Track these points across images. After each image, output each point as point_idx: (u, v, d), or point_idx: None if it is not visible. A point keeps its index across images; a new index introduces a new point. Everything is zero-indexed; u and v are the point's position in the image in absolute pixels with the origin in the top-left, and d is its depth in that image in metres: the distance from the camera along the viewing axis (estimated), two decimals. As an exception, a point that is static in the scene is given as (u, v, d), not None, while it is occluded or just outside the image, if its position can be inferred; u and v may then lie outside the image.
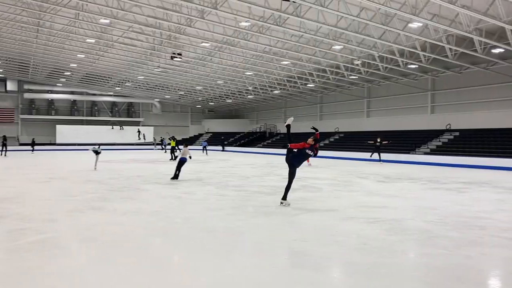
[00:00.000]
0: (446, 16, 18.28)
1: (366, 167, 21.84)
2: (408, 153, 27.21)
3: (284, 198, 8.92)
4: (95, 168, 18.14)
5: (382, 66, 27.24)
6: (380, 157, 25.05)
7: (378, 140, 25.21)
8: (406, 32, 19.30)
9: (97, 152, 18.48)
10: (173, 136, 30.39)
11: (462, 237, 6.36)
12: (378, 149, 25.01)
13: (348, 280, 4.59)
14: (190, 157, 14.51)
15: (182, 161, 14.16)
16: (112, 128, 51.48)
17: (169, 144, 40.06)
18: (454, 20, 18.04)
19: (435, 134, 28.80)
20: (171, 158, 26.91)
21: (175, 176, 13.97)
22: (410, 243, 6.07)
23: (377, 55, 24.53)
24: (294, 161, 8.83)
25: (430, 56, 23.77)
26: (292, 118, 9.56)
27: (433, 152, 26.49)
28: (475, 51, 21.24)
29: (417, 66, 26.14)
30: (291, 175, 8.83)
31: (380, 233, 6.51)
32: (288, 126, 9.02)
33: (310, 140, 8.69)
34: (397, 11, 16.29)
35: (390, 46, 22.44)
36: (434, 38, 20.18)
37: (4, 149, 32.11)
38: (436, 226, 7.12)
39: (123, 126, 52.45)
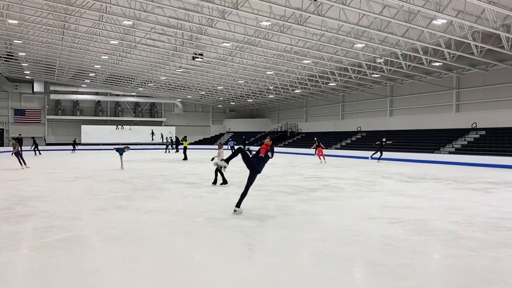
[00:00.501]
0: (471, 12, 17.85)
1: (389, 167, 21.54)
2: (433, 152, 26.70)
3: (238, 205, 8.03)
4: (122, 168, 18.46)
5: (405, 64, 26.79)
6: (381, 156, 25.42)
7: (384, 140, 25.91)
8: (430, 29, 18.94)
9: (121, 152, 18.82)
10: (185, 136, 30.75)
11: (489, 238, 6.20)
12: (381, 148, 25.58)
13: (371, 280, 4.53)
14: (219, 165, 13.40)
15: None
16: (116, 128, 51.82)
17: (174, 143, 40.01)
18: (480, 16, 17.60)
19: (460, 133, 28.17)
20: (184, 158, 27.16)
21: (215, 181, 12.81)
22: (434, 244, 5.96)
23: (400, 53, 24.14)
24: (258, 166, 8.05)
25: (455, 54, 23.25)
26: (225, 164, 8.42)
27: (458, 151, 25.92)
28: (502, 47, 20.68)
29: (441, 63, 25.61)
30: (251, 181, 8.10)
31: (404, 234, 6.41)
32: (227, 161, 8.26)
33: (267, 141, 8.05)
34: (420, 8, 16.00)
35: (413, 43, 22.06)
36: (459, 35, 19.73)
37: (36, 149, 34.45)
38: (462, 227, 6.96)
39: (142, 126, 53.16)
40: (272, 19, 19.09)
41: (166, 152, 39.30)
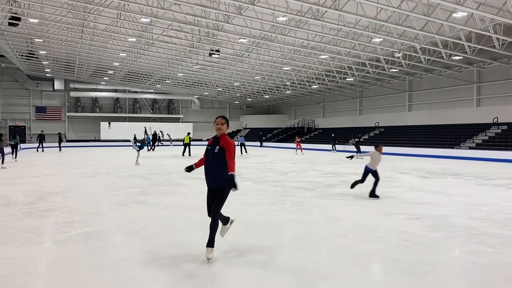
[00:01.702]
0: (492, 4, 17.45)
1: (408, 162, 21.28)
2: (453, 147, 26.26)
3: (226, 222, 5.54)
4: (137, 163, 18.70)
5: (424, 58, 26.36)
6: (358, 152, 25.94)
7: (359, 136, 28.09)
8: (450, 23, 18.58)
9: (142, 147, 19.20)
10: (189, 133, 30.84)
11: (510, 235, 6.08)
12: (358, 145, 26.53)
13: (389, 277, 4.50)
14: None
15: None
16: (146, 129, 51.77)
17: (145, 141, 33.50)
18: (502, 8, 17.19)
19: (481, 127, 27.62)
20: (188, 154, 27.23)
21: None
22: (454, 240, 5.87)
23: (419, 47, 23.76)
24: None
25: (476, 47, 22.76)
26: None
27: (479, 146, 25.44)
28: (525, 40, 20.17)
29: (461, 57, 25.10)
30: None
31: (423, 230, 6.34)
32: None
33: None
34: (440, 1, 15.70)
35: (432, 37, 21.67)
36: (480, 28, 19.30)
37: (59, 145, 36.01)
38: (483, 223, 6.84)
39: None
40: (289, 14, 19.00)
41: (149, 150, 35.57)
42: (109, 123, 32.51)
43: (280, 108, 57.86)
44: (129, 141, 32.94)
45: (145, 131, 37.50)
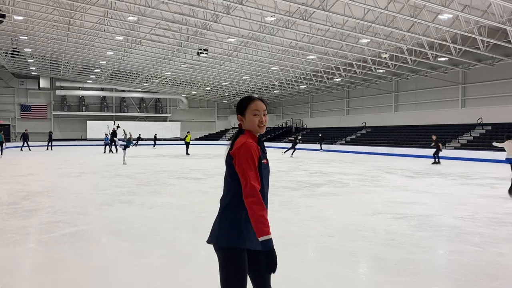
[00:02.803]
0: (477, 7, 17.73)
1: (394, 162, 21.50)
2: (438, 148, 26.57)
3: None
4: (124, 163, 18.56)
5: (411, 59, 26.66)
6: (293, 151, 26.71)
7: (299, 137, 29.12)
8: (436, 24, 18.82)
9: (128, 146, 19.09)
10: (188, 132, 31.09)
11: (493, 234, 6.19)
12: (295, 144, 27.26)
13: (375, 275, 4.54)
14: None
15: None
16: (114, 123, 51.60)
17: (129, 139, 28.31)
18: (487, 11, 17.47)
19: (466, 128, 28.03)
20: (187, 153, 27.55)
21: None
22: (439, 240, 5.95)
23: (406, 48, 24.02)
24: None
25: (461, 48, 23.11)
26: None
27: (464, 146, 25.81)
28: (509, 42, 20.53)
29: (447, 58, 25.46)
30: None
31: (408, 229, 6.41)
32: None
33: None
34: (426, 2, 15.90)
35: (419, 38, 21.93)
36: (465, 29, 19.60)
37: (49, 144, 35.32)
38: (467, 222, 6.95)
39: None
40: (277, 14, 19.05)
41: (110, 152, 30.42)
42: (117, 125, 29.98)
43: (269, 108, 57.15)
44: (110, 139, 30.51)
45: (114, 131, 30.62)
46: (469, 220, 7.13)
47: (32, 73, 45.32)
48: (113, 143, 29.55)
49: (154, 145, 43.12)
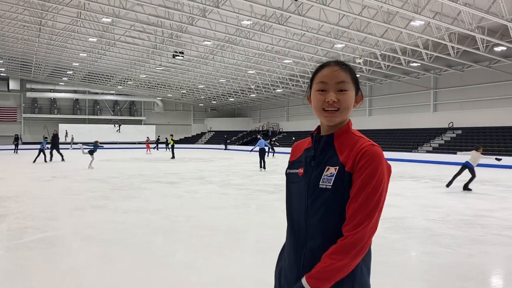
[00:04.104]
0: (448, 14, 18.22)
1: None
2: (411, 151, 27.15)
3: None
4: (91, 167, 18.13)
5: (384, 64, 27.17)
6: (271, 151, 28.85)
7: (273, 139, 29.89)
8: (408, 30, 19.24)
9: (95, 150, 18.67)
10: (172, 135, 30.99)
11: (464, 235, 6.34)
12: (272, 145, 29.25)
13: (349, 278, 4.57)
14: None
15: None
16: (115, 126, 51.43)
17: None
18: (457, 18, 17.97)
19: (438, 132, 28.74)
20: (172, 157, 27.26)
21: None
22: (411, 242, 6.06)
23: (379, 53, 24.46)
24: None
25: (433, 54, 23.70)
26: None
27: (435, 150, 26.44)
28: (478, 49, 21.17)
29: (419, 64, 26.06)
30: None
31: (381, 232, 6.49)
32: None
33: None
34: (399, 9, 16.24)
35: (392, 44, 22.38)
36: (436, 36, 20.12)
37: (16, 147, 34.03)
38: (438, 224, 7.10)
39: (121, 125, 52.20)
40: (253, 18, 19.10)
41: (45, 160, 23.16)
42: (120, 125, 30.07)
43: (245, 111, 57.98)
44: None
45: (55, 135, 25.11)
46: (441, 222, 7.29)
47: (1, 74, 43.98)
48: (53, 149, 24.15)
49: (157, 147, 43.73)
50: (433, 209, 8.59)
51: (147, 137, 44.64)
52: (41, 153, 22.40)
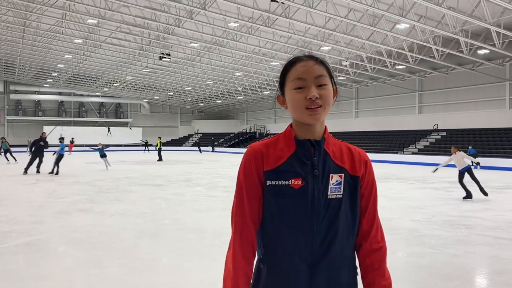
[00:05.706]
0: (432, 18, 18.48)
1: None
2: (396, 153, 27.42)
3: None
4: (109, 166, 18.76)
5: (370, 67, 27.42)
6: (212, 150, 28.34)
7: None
8: (394, 33, 19.46)
9: (103, 155, 18.80)
10: (160, 137, 30.86)
11: (449, 236, 6.43)
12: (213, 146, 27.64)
13: (336, 279, 4.60)
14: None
15: None
16: (109, 130, 50.48)
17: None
18: (441, 22, 18.24)
19: (423, 134, 29.09)
20: (159, 159, 27.10)
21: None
22: (397, 243, 6.12)
23: (365, 56, 24.69)
24: None
25: (418, 57, 24.01)
26: None
27: (420, 152, 26.75)
28: (461, 52, 21.50)
29: (404, 66, 26.37)
30: None
31: (369, 233, 6.55)
32: None
33: None
34: (384, 12, 16.43)
35: (378, 47, 22.61)
36: (421, 39, 20.38)
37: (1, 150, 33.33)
38: (424, 225, 7.18)
39: (110, 127, 51.63)
40: (240, 21, 19.12)
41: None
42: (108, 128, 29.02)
43: (232, 113, 57.94)
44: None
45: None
46: (426, 223, 7.37)
47: (-16, 76, 43.31)
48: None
49: (146, 150, 43.31)
50: (419, 210, 8.69)
51: (72, 138, 39.99)
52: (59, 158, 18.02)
